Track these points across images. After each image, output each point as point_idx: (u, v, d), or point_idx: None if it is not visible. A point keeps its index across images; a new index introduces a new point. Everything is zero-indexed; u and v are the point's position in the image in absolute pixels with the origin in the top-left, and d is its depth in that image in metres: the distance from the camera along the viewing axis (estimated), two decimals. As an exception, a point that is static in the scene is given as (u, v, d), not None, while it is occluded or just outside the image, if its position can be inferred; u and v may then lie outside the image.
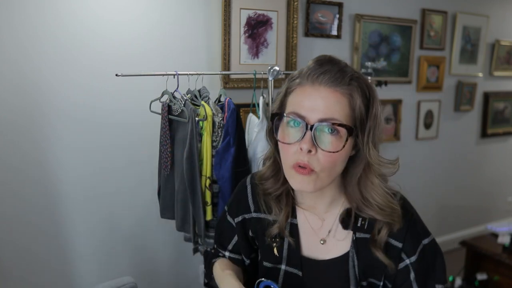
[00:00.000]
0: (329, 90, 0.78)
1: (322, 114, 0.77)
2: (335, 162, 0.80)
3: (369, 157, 0.82)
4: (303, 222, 0.95)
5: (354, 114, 0.79)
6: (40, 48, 1.85)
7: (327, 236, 0.92)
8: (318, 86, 0.79)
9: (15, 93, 1.83)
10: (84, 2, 1.90)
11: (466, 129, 3.53)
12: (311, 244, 0.93)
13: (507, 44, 3.58)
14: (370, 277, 0.89)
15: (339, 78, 0.78)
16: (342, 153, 0.79)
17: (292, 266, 0.94)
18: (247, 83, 2.28)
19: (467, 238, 3.00)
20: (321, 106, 0.77)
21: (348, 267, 0.89)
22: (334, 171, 0.82)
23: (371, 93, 0.82)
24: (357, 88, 0.80)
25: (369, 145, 0.81)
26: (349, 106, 0.79)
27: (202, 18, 2.18)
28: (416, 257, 0.87)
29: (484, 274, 2.71)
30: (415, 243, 0.87)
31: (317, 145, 0.78)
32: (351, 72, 0.81)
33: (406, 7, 2.94)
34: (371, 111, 0.81)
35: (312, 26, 2.54)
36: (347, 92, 0.79)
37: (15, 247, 1.93)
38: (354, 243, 0.88)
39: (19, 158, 1.88)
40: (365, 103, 0.81)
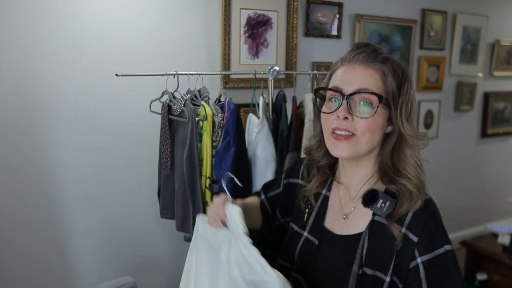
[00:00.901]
0: (363, 66, 0.90)
1: (355, 86, 0.89)
2: (370, 127, 0.89)
3: (402, 128, 0.90)
4: (334, 197, 1.02)
5: (386, 89, 0.90)
6: (40, 48, 1.85)
7: (350, 213, 0.97)
8: (354, 64, 0.91)
9: (15, 93, 1.83)
10: (84, 2, 1.90)
11: (466, 129, 3.53)
12: (334, 218, 1.00)
13: (507, 44, 3.58)
14: (376, 269, 0.89)
15: (372, 57, 0.90)
16: (376, 119, 0.89)
17: (312, 235, 1.00)
18: (247, 83, 2.28)
19: (467, 238, 3.00)
20: (356, 80, 0.89)
21: (357, 247, 0.91)
22: (371, 137, 0.90)
23: (404, 74, 0.93)
24: (390, 67, 0.91)
25: (402, 118, 0.90)
26: (382, 81, 0.90)
27: (202, 18, 2.18)
28: (428, 257, 0.87)
29: (484, 274, 2.71)
30: (430, 242, 0.87)
31: (352, 112, 0.89)
32: (385, 54, 0.92)
33: (406, 7, 2.94)
34: (403, 88, 0.91)
35: (312, 26, 2.54)
36: (379, 69, 0.90)
37: (14, 247, 1.93)
38: (369, 225, 0.92)
39: (19, 158, 1.88)
40: (397, 80, 0.91)
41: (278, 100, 1.93)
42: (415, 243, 0.87)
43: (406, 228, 0.88)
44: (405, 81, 0.92)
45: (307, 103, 1.90)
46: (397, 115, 0.90)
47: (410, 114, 0.92)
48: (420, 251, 0.87)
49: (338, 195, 1.02)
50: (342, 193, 1.01)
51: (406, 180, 0.91)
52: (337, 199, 1.01)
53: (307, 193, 1.04)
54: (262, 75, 1.93)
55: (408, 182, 0.91)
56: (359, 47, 0.92)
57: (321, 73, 2.02)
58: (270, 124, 1.88)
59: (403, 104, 0.91)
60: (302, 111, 1.94)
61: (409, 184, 0.90)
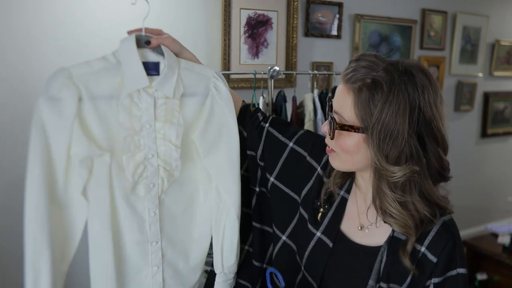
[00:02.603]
0: (342, 85, 0.86)
1: (334, 104, 0.87)
2: (342, 149, 0.87)
3: (375, 163, 0.83)
4: (352, 202, 0.98)
5: (359, 112, 0.81)
6: (39, 49, 1.84)
7: (367, 226, 0.94)
8: (340, 80, 0.87)
9: (13, 96, 1.82)
10: (83, 3, 1.90)
11: (466, 129, 3.53)
12: (350, 225, 0.96)
13: (507, 44, 3.58)
14: (392, 282, 0.88)
15: (350, 75, 0.83)
16: (345, 143, 0.85)
17: (326, 235, 0.96)
18: (247, 83, 2.28)
19: (467, 238, 3.00)
20: (335, 98, 0.87)
21: (375, 260, 0.89)
22: (350, 158, 0.87)
23: (384, 97, 0.78)
24: (364, 90, 0.80)
25: (375, 150, 0.81)
26: (354, 105, 0.82)
27: (202, 18, 2.18)
28: (441, 279, 0.85)
29: (484, 274, 2.71)
30: (447, 265, 0.85)
31: (328, 129, 0.87)
32: (370, 73, 0.80)
33: (406, 7, 2.94)
34: (375, 115, 0.79)
35: (312, 26, 2.54)
36: (351, 92, 0.83)
37: (14, 248, 1.92)
38: (389, 239, 0.89)
39: (17, 161, 1.87)
40: (376, 105, 0.79)
41: (278, 100, 1.93)
42: (434, 264, 0.85)
43: (426, 247, 0.86)
44: (382, 107, 0.78)
45: (307, 103, 1.90)
46: (369, 145, 0.82)
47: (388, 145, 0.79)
48: (435, 273, 0.85)
49: (356, 202, 0.98)
50: (360, 200, 0.97)
51: (391, 220, 0.85)
52: (355, 206, 0.97)
53: (329, 185, 0.98)
54: (262, 75, 1.93)
55: (393, 223, 0.85)
56: (350, 62, 0.86)
57: (321, 73, 2.02)
58: (270, 124, 1.88)
59: (374, 133, 0.79)
60: (302, 111, 1.94)
61: (394, 225, 0.84)
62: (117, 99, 0.95)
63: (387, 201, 0.84)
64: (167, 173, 0.99)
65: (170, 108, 0.99)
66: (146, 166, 0.98)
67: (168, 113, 0.99)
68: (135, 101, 0.96)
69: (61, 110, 0.91)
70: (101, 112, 0.94)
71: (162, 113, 0.98)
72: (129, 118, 0.96)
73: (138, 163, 0.97)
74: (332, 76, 2.53)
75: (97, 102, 0.93)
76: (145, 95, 0.97)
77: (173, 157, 0.99)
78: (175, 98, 1.00)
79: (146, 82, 0.96)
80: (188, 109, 1.02)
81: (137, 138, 0.97)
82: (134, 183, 0.97)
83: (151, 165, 0.98)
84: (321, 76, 2.30)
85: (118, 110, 0.95)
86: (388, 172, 0.81)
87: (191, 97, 1.02)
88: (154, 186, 0.99)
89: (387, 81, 0.79)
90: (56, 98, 0.91)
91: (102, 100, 0.94)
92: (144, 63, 0.97)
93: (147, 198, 0.99)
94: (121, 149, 0.95)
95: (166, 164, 0.99)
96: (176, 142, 0.99)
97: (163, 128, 0.98)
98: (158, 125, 0.98)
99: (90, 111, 0.93)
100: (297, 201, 1.04)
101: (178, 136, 0.99)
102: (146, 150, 0.97)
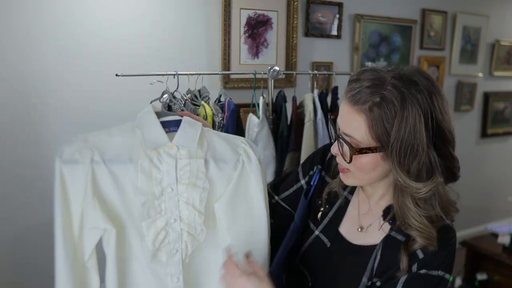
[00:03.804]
0: (349, 107, 0.82)
1: (344, 127, 0.85)
2: (358, 168, 0.85)
3: (398, 179, 0.82)
4: (354, 203, 0.99)
5: (373, 134, 0.80)
6: (39, 49, 1.84)
7: (366, 227, 0.95)
8: (345, 101, 0.84)
9: (13, 96, 1.82)
10: (83, 3, 1.90)
11: (466, 129, 3.53)
12: (349, 226, 0.97)
13: (507, 44, 3.58)
14: (385, 278, 0.89)
15: (358, 96, 0.80)
16: (362, 163, 0.83)
17: (325, 235, 0.98)
18: (247, 83, 2.28)
19: (467, 238, 3.00)
20: (344, 121, 0.85)
21: (370, 258, 0.90)
22: (367, 176, 0.87)
23: (399, 114, 0.77)
24: (375, 110, 0.78)
25: (396, 168, 0.80)
26: (366, 126, 0.80)
27: (202, 18, 2.18)
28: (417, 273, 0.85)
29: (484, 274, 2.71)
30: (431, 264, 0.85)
31: (340, 150, 0.86)
32: (377, 91, 0.79)
33: (406, 7, 2.94)
34: (393, 133, 0.78)
35: (312, 26, 2.54)
36: (362, 113, 0.80)
37: (14, 248, 1.92)
38: (384, 239, 0.90)
39: (17, 160, 1.88)
40: (389, 123, 0.78)
41: (278, 100, 1.93)
42: (419, 259, 0.85)
43: (420, 248, 0.86)
44: (399, 123, 0.77)
45: (307, 103, 1.90)
46: (391, 163, 0.81)
47: (409, 160, 0.79)
48: (419, 266, 0.85)
49: (358, 203, 0.98)
50: (362, 201, 0.98)
51: (415, 233, 0.84)
52: (356, 207, 0.98)
53: (334, 186, 0.99)
54: (262, 75, 1.93)
55: (417, 236, 0.84)
56: (352, 81, 0.83)
57: (321, 73, 2.02)
58: (270, 124, 1.88)
59: (394, 151, 0.79)
60: (302, 111, 1.94)
61: (419, 237, 0.83)
62: (135, 163, 0.90)
63: (412, 216, 0.84)
64: (191, 237, 0.93)
65: (195, 169, 0.92)
66: (168, 232, 0.92)
67: (193, 174, 0.92)
68: (155, 163, 0.91)
69: (74, 173, 0.89)
70: (117, 176, 0.90)
71: (185, 175, 0.92)
72: (148, 182, 0.90)
73: (159, 229, 0.91)
74: (332, 76, 2.52)
75: (113, 166, 0.90)
76: (166, 156, 0.91)
77: (197, 222, 0.93)
78: (199, 157, 0.93)
79: (164, 138, 0.91)
80: (213, 174, 0.94)
81: (158, 202, 0.91)
82: (155, 250, 0.91)
83: (174, 230, 0.92)
84: (321, 76, 2.30)
85: (137, 174, 0.89)
86: (413, 188, 0.81)
87: (217, 163, 0.95)
88: (177, 251, 0.93)
89: (397, 97, 0.78)
90: (69, 162, 0.89)
91: (118, 164, 0.90)
92: (163, 122, 0.94)
93: (170, 264, 0.93)
94: (140, 215, 0.90)
95: (190, 228, 0.93)
96: (199, 207, 0.92)
97: (186, 191, 0.92)
98: (180, 188, 0.92)
99: (104, 174, 0.89)
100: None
101: (202, 201, 0.92)
102: (168, 215, 0.91)
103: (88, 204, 0.88)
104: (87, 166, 0.88)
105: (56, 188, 0.89)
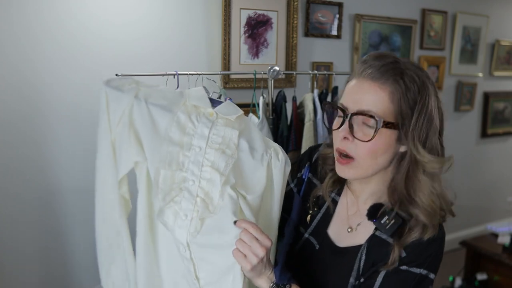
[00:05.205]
0: (369, 84, 0.83)
1: (360, 105, 0.83)
2: (371, 151, 0.83)
3: (416, 154, 0.83)
4: (342, 204, 0.98)
5: (395, 109, 0.82)
6: (40, 50, 1.85)
7: (355, 227, 0.94)
8: (362, 80, 0.84)
9: (15, 95, 1.83)
10: (84, 4, 1.90)
11: (466, 129, 3.53)
12: (338, 227, 0.97)
13: (507, 44, 3.58)
14: (370, 276, 0.89)
15: (380, 73, 0.82)
16: (377, 143, 0.82)
17: (314, 237, 0.98)
18: (247, 83, 2.28)
19: (467, 238, 3.00)
20: (360, 99, 0.83)
21: (355, 260, 0.90)
22: (373, 162, 0.85)
23: (422, 90, 0.82)
24: (401, 84, 0.81)
25: (415, 142, 0.82)
26: (390, 101, 0.81)
27: (202, 18, 2.18)
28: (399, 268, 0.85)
29: (484, 274, 2.71)
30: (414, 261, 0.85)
31: (353, 133, 0.83)
32: (399, 68, 0.83)
33: (406, 7, 2.94)
34: (417, 107, 0.82)
35: (312, 26, 2.54)
36: (386, 87, 0.81)
37: (14, 249, 1.92)
38: (369, 239, 0.90)
39: (18, 159, 1.88)
40: (412, 98, 0.82)
41: (278, 100, 1.93)
42: (401, 258, 0.85)
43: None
44: (422, 99, 0.82)
45: (307, 103, 1.90)
46: (409, 139, 0.83)
47: (428, 136, 0.83)
48: (400, 262, 0.85)
49: (346, 204, 0.98)
50: (350, 202, 0.98)
51: (418, 210, 0.84)
52: (345, 208, 0.98)
53: (321, 192, 0.98)
54: (262, 75, 1.93)
55: (420, 213, 0.84)
56: (368, 60, 0.85)
57: (321, 73, 2.02)
58: (270, 124, 1.88)
59: (416, 126, 0.82)
60: (302, 111, 1.94)
61: (421, 214, 0.84)
62: (173, 113, 0.91)
63: (421, 190, 0.84)
64: (204, 205, 0.87)
65: (228, 137, 0.91)
66: (182, 191, 0.88)
67: (224, 142, 0.91)
68: (192, 119, 0.91)
69: (116, 98, 0.91)
70: (154, 118, 0.90)
71: (217, 140, 0.90)
72: (180, 134, 0.89)
73: (174, 183, 0.88)
74: (332, 76, 2.53)
75: (153, 108, 0.91)
76: (204, 118, 0.92)
77: (216, 188, 0.87)
78: (235, 128, 0.92)
79: (208, 102, 0.93)
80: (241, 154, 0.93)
81: (182, 158, 0.89)
82: (164, 205, 0.87)
83: (189, 192, 0.88)
84: (321, 76, 2.30)
85: (171, 123, 0.90)
86: (428, 162, 0.83)
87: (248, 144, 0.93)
88: (186, 217, 0.87)
89: (418, 75, 0.83)
90: (114, 87, 0.93)
91: (158, 108, 0.91)
92: (210, 99, 0.96)
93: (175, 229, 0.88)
94: (162, 162, 0.88)
95: (206, 196, 0.88)
96: (223, 171, 0.88)
97: (214, 155, 0.89)
98: (208, 151, 0.89)
99: (143, 112, 0.90)
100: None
101: (228, 166, 0.89)
102: (188, 173, 0.88)
103: (123, 132, 0.90)
104: (130, 98, 0.90)
105: (102, 104, 0.92)
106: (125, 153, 0.91)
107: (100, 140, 0.94)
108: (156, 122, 0.91)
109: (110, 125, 0.92)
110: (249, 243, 0.82)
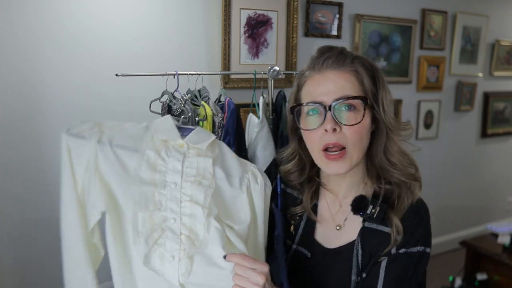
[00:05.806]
0: (335, 72, 0.86)
1: (335, 94, 0.85)
2: (360, 134, 0.86)
3: (387, 124, 0.88)
4: (323, 205, 0.98)
5: (365, 88, 0.87)
6: (40, 50, 1.85)
7: (343, 223, 0.94)
8: (325, 72, 0.87)
9: (14, 96, 1.83)
10: (84, 4, 1.90)
11: (466, 129, 3.53)
12: (326, 229, 0.96)
13: (507, 44, 3.58)
14: (372, 270, 0.89)
15: (342, 60, 0.87)
16: (364, 124, 0.86)
17: (303, 246, 0.96)
18: (247, 83, 2.28)
19: (467, 238, 3.00)
20: (333, 88, 0.85)
21: (352, 256, 0.90)
22: (361, 145, 0.87)
23: (374, 68, 0.90)
24: (361, 65, 0.87)
25: (385, 112, 0.89)
26: (358, 81, 0.87)
27: (202, 18, 2.18)
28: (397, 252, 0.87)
29: (484, 274, 2.71)
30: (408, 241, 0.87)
31: (339, 122, 0.84)
32: (349, 53, 0.89)
33: (406, 7, 2.94)
34: (379, 82, 0.89)
35: (312, 26, 2.54)
36: (352, 70, 0.87)
37: (15, 248, 1.92)
38: (361, 232, 0.90)
39: (19, 160, 1.88)
40: (371, 76, 0.88)
41: (278, 100, 1.93)
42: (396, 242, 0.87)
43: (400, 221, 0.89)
44: (378, 74, 0.90)
45: (307, 103, 1.90)
46: (380, 111, 0.88)
47: (389, 107, 0.90)
48: (397, 247, 0.87)
49: (327, 204, 0.98)
50: (330, 201, 0.98)
51: (398, 172, 0.90)
52: (327, 209, 0.97)
53: (302, 209, 0.97)
54: (262, 75, 1.93)
55: (400, 174, 0.90)
56: (324, 53, 0.88)
57: (321, 73, 2.02)
58: (270, 124, 1.88)
59: (382, 98, 0.89)
60: (302, 111, 1.94)
61: (401, 175, 0.90)
62: (141, 152, 0.87)
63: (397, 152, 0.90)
64: (190, 242, 0.83)
65: (202, 167, 0.88)
66: (164, 232, 0.84)
67: (199, 173, 0.87)
68: (162, 155, 0.87)
69: (78, 147, 0.89)
70: (121, 161, 0.86)
71: (191, 172, 0.87)
72: (151, 172, 0.86)
73: (155, 225, 0.83)
74: (332, 76, 2.52)
75: (118, 150, 0.87)
76: (174, 151, 0.88)
77: (200, 222, 0.84)
78: (209, 156, 0.89)
79: (176, 133, 0.88)
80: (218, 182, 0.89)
81: (158, 197, 0.85)
82: (149, 250, 0.83)
83: (172, 231, 0.84)
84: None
85: (141, 163, 0.86)
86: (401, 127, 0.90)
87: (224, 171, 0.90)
88: (173, 259, 0.83)
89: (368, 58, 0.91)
90: (75, 135, 0.90)
91: (125, 150, 0.87)
92: (178, 127, 0.92)
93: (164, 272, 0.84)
94: (137, 205, 0.84)
95: (191, 233, 0.84)
96: (204, 203, 0.85)
97: (191, 189, 0.86)
98: (185, 186, 0.86)
99: (108, 156, 0.86)
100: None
101: (207, 197, 0.85)
102: (167, 212, 0.84)
103: (90, 180, 0.87)
104: (93, 144, 0.87)
105: (63, 155, 0.90)
106: (94, 202, 0.87)
107: (64, 195, 0.90)
108: (125, 164, 0.87)
109: (74, 177, 0.89)
110: (246, 275, 0.79)
